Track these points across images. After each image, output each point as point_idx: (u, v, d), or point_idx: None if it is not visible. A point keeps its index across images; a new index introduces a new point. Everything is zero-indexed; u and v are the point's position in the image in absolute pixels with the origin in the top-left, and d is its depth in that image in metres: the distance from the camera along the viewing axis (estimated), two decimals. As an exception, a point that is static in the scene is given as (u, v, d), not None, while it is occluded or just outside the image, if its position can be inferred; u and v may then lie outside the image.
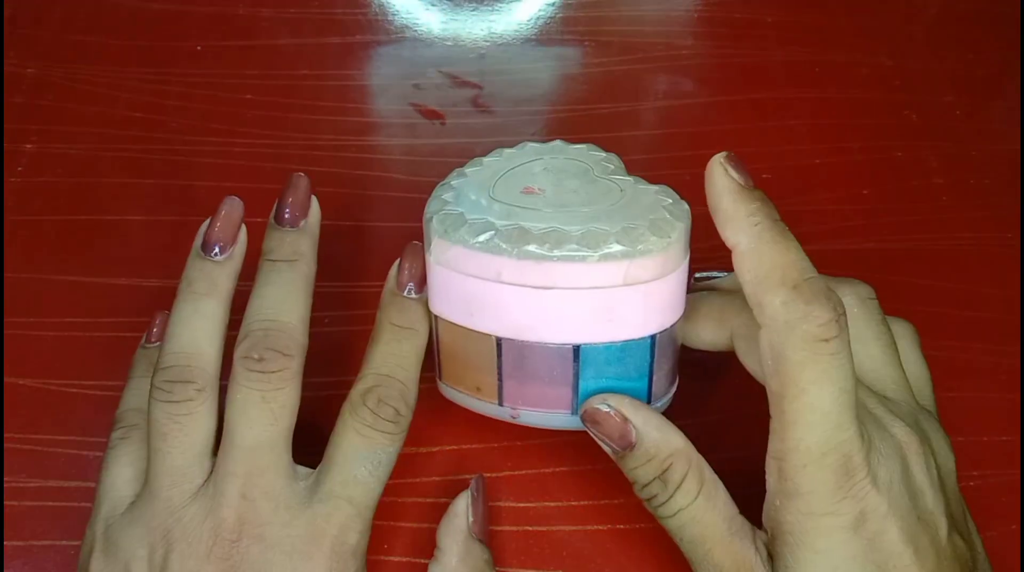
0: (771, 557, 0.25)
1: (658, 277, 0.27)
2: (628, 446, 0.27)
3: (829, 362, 0.23)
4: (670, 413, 0.34)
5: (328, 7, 0.47)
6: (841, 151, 0.43)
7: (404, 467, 0.32)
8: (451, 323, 0.29)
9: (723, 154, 0.26)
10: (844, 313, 0.24)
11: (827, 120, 0.44)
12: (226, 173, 0.40)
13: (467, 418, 0.33)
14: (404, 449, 0.33)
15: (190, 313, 0.26)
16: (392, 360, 0.28)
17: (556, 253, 0.26)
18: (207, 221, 0.28)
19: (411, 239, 0.38)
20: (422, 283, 0.29)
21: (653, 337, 0.28)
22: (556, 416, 0.30)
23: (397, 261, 0.30)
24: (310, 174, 0.41)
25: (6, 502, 0.31)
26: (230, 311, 0.27)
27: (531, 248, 0.26)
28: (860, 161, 0.43)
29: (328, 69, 0.45)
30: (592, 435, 0.28)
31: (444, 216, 0.28)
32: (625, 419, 0.27)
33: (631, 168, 0.32)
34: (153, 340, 0.31)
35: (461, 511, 0.28)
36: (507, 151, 0.32)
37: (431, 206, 0.29)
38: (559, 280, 0.27)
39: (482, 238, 0.27)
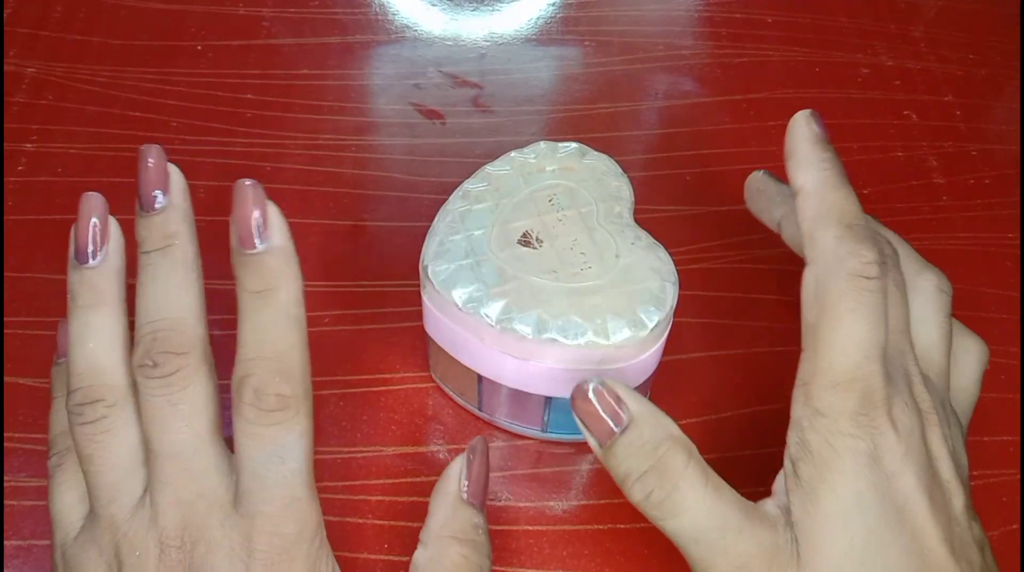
0: (786, 509, 0.25)
1: (631, 360, 0.28)
2: (615, 430, 0.25)
3: (867, 297, 0.25)
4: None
5: (328, 7, 0.47)
6: (841, 151, 0.43)
7: (403, 466, 0.32)
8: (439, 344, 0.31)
9: (807, 111, 0.28)
10: (887, 262, 0.25)
11: (827, 120, 0.44)
12: (226, 173, 0.40)
13: (465, 418, 0.34)
14: (403, 448, 0.33)
15: (81, 330, 0.25)
16: (256, 337, 0.24)
17: (535, 335, 0.27)
18: (73, 227, 0.26)
19: (411, 239, 0.38)
20: (267, 228, 0.25)
21: None
22: (529, 429, 0.33)
23: (232, 212, 0.25)
24: (310, 174, 0.41)
25: (6, 502, 0.31)
26: (125, 313, 0.26)
27: (513, 326, 0.28)
28: (860, 161, 0.43)
29: (328, 69, 0.45)
30: (579, 420, 0.26)
31: (439, 271, 0.29)
32: (618, 398, 0.26)
33: (631, 169, 0.32)
34: (62, 354, 0.29)
35: (453, 473, 0.27)
36: (518, 159, 0.32)
37: (429, 245, 0.30)
38: (536, 355, 0.28)
39: (470, 306, 0.28)
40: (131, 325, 0.26)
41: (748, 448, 0.33)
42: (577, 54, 0.46)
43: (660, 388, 0.34)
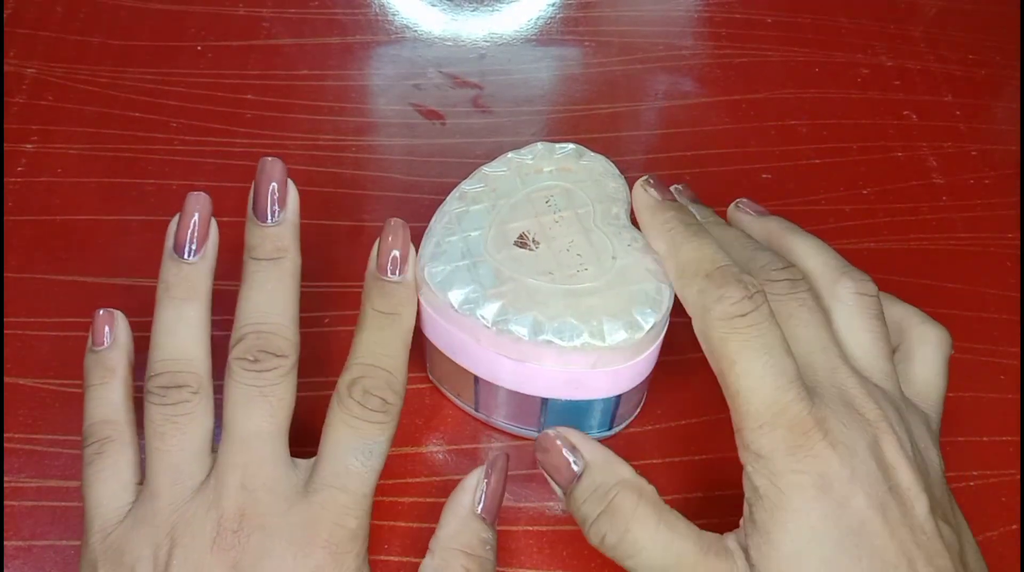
0: (746, 550, 0.25)
1: (627, 361, 0.28)
2: (574, 476, 0.27)
3: (749, 333, 0.25)
4: (653, 417, 0.34)
5: (328, 7, 0.48)
6: (841, 151, 0.43)
7: (403, 466, 0.32)
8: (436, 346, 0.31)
9: (644, 177, 0.29)
10: (760, 291, 0.26)
11: (827, 120, 0.44)
12: (226, 173, 0.40)
13: (463, 419, 0.34)
14: (403, 449, 0.33)
15: (173, 319, 0.27)
16: (377, 348, 0.27)
17: (531, 337, 0.27)
18: (174, 221, 0.28)
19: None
20: (405, 263, 0.29)
21: (619, 394, 0.30)
22: (526, 430, 0.33)
23: (377, 240, 0.29)
24: (310, 174, 0.41)
25: (6, 502, 0.31)
26: (211, 309, 0.28)
27: (509, 328, 0.27)
28: (860, 161, 0.43)
29: (328, 69, 0.45)
30: (542, 469, 0.28)
31: (435, 273, 0.29)
32: (573, 446, 0.27)
33: (631, 169, 0.32)
34: (99, 342, 0.30)
35: (469, 486, 0.28)
36: (515, 160, 0.32)
37: (426, 246, 0.30)
38: (532, 357, 0.28)
39: (466, 307, 0.28)
40: (217, 324, 0.27)
41: (748, 448, 0.33)
42: (577, 54, 0.46)
43: (658, 389, 0.34)
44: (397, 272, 0.28)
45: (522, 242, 0.29)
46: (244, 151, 0.41)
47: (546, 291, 0.28)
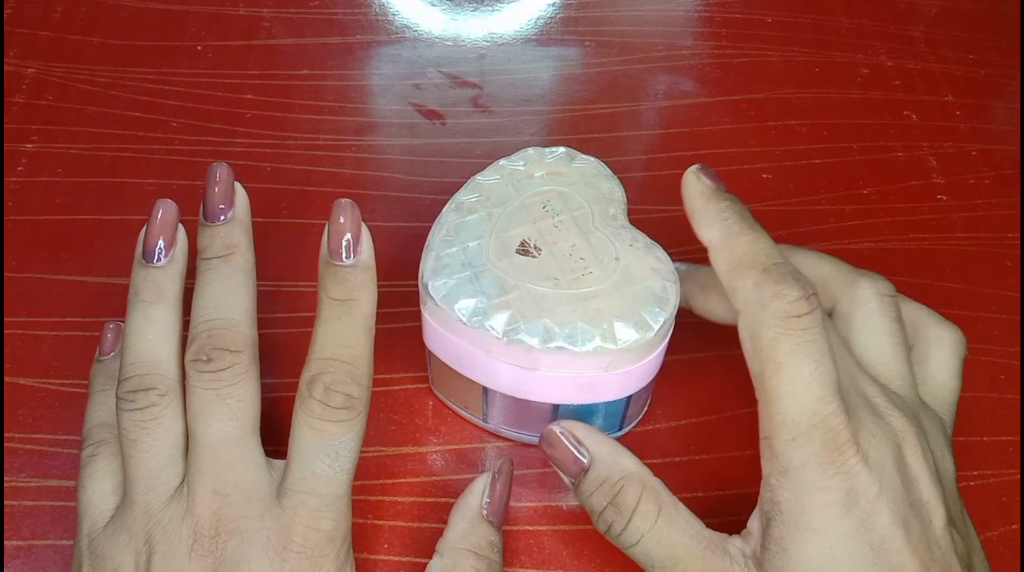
0: (760, 562, 0.25)
1: (638, 362, 0.28)
2: (581, 469, 0.27)
3: (802, 337, 0.24)
4: (654, 417, 0.34)
5: (328, 7, 0.48)
6: (841, 151, 0.43)
7: (403, 466, 0.32)
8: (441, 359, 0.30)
9: (696, 165, 0.28)
10: (815, 294, 0.25)
11: (827, 120, 0.44)
12: (226, 173, 0.40)
13: (465, 419, 0.34)
14: (403, 449, 0.33)
15: (141, 322, 0.27)
16: (335, 340, 0.26)
17: (542, 345, 0.27)
18: (144, 228, 0.28)
19: (411, 239, 0.38)
20: (358, 244, 0.27)
21: (629, 395, 0.30)
22: (535, 437, 0.32)
23: (327, 223, 0.27)
24: (310, 174, 0.41)
25: (6, 502, 0.31)
26: (181, 313, 0.27)
27: (520, 337, 0.27)
28: (860, 161, 0.43)
29: (328, 69, 0.45)
30: (550, 461, 0.28)
31: (439, 286, 0.28)
32: (578, 442, 0.28)
33: (631, 169, 0.32)
34: (106, 352, 0.31)
35: (477, 489, 0.28)
36: (507, 168, 0.32)
37: (427, 261, 0.30)
38: (544, 364, 0.28)
39: (475, 319, 0.28)
40: (185, 325, 0.27)
41: (748, 448, 0.33)
42: (577, 54, 0.46)
43: (660, 389, 0.34)
44: (351, 255, 0.27)
45: (524, 250, 0.29)
46: (244, 151, 0.41)
47: (553, 297, 0.28)
